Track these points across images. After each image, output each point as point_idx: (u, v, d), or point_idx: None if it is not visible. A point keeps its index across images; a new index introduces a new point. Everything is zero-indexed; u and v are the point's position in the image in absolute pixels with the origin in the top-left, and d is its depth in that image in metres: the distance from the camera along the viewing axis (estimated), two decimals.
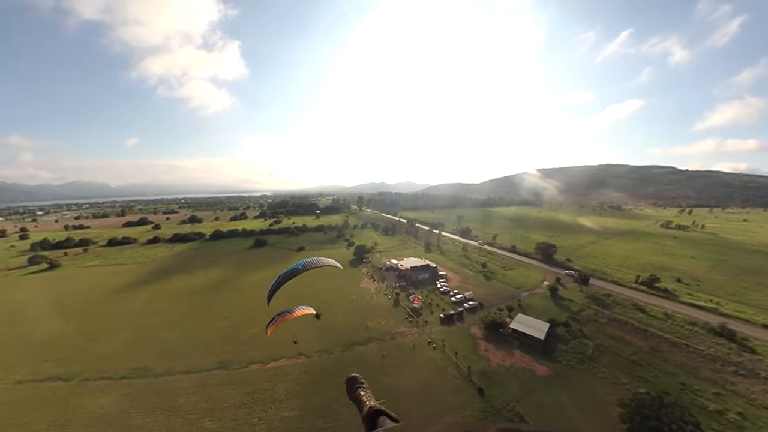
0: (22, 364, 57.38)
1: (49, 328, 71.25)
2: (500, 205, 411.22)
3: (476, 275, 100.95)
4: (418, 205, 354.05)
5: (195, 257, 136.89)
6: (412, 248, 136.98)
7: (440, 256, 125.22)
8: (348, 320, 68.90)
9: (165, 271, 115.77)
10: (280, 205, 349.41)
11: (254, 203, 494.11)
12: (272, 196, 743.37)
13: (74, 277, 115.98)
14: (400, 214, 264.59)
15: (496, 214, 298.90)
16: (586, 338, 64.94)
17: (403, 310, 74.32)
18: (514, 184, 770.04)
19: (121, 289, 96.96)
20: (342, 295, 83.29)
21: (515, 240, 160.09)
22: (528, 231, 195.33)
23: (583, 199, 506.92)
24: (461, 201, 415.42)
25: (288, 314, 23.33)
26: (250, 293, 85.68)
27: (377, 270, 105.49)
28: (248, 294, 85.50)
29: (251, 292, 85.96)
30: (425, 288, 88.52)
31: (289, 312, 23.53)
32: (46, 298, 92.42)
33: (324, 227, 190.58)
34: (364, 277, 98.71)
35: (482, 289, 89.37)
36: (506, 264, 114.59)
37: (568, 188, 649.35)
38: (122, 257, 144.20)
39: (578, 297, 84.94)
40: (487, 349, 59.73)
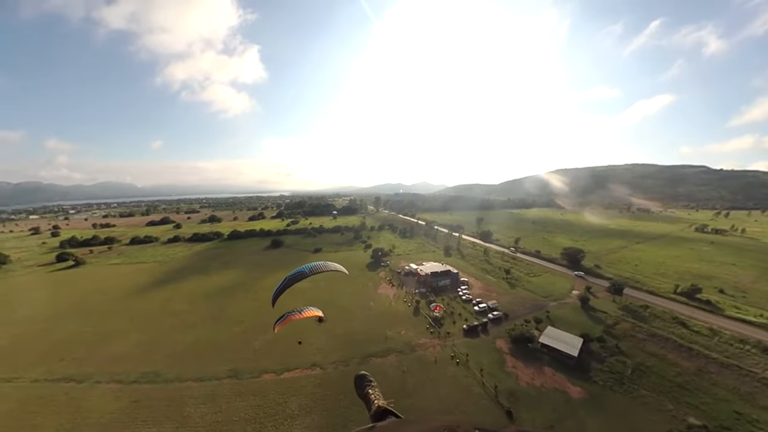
0: (40, 362, 58.03)
1: (69, 326, 72.65)
2: (520, 206, 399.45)
3: (499, 282, 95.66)
4: (436, 207, 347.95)
5: (212, 257, 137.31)
6: (431, 252, 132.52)
7: (461, 260, 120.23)
8: (365, 328, 65.49)
9: (182, 270, 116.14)
10: (297, 206, 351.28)
11: (272, 203, 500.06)
12: (290, 197, 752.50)
13: (97, 274, 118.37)
14: (418, 215, 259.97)
15: (517, 216, 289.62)
16: (624, 356, 59.20)
17: (424, 319, 70.29)
18: (534, 185, 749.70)
19: (139, 288, 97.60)
20: (359, 301, 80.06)
21: (539, 244, 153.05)
22: (551, 234, 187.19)
23: (609, 201, 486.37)
24: (479, 202, 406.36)
25: (297, 313, 23.53)
26: (265, 297, 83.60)
27: (396, 275, 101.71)
28: (263, 298, 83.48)
29: (266, 296, 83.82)
30: (446, 295, 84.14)
31: (298, 311, 23.69)
32: (69, 295, 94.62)
33: (341, 228, 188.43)
34: (382, 282, 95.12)
35: (506, 297, 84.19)
36: (531, 270, 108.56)
37: (591, 189, 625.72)
38: (143, 256, 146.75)
39: (611, 308, 78.68)
40: (515, 365, 55.02)
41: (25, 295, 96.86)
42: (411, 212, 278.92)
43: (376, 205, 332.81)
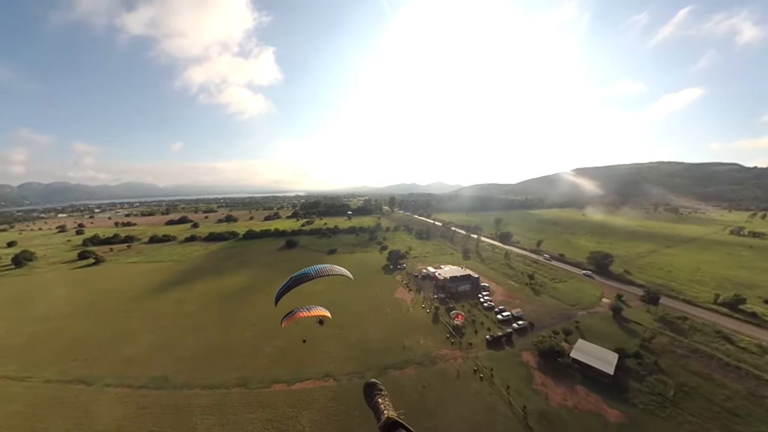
0: (54, 361, 58.20)
1: (85, 324, 73.04)
2: (540, 206, 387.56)
3: (523, 288, 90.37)
4: (452, 207, 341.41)
5: (227, 257, 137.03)
6: (448, 254, 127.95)
7: (480, 264, 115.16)
8: (382, 336, 62.03)
9: (196, 270, 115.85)
10: (312, 206, 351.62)
11: (288, 203, 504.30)
12: (305, 197, 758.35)
13: (114, 272, 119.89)
14: (434, 216, 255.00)
15: (536, 216, 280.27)
16: (664, 374, 53.71)
17: (444, 327, 66.16)
18: (554, 184, 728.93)
19: (153, 287, 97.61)
20: (375, 306, 76.58)
21: (561, 246, 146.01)
22: (574, 236, 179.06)
23: (632, 201, 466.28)
24: (497, 202, 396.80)
25: (305, 311, 23.86)
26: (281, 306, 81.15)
27: (413, 278, 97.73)
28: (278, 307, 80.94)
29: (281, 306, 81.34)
30: (466, 301, 79.59)
31: (306, 309, 24.11)
32: (87, 293, 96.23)
33: (356, 229, 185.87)
34: (398, 286, 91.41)
35: (531, 305, 79.05)
36: (555, 275, 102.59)
37: (614, 189, 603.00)
38: (160, 254, 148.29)
39: (646, 319, 72.66)
40: (544, 383, 50.40)
41: (45, 293, 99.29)
42: (426, 213, 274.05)
43: (391, 205, 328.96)
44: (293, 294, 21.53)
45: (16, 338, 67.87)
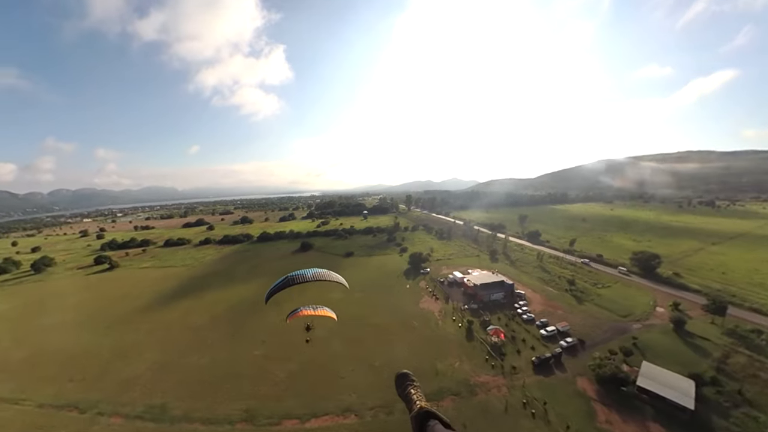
0: (52, 381, 54.43)
1: (89, 337, 69.28)
2: (563, 201, 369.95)
3: (563, 295, 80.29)
4: (470, 204, 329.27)
5: (240, 261, 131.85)
6: (474, 256, 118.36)
7: (510, 267, 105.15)
8: (410, 357, 53.69)
9: (207, 277, 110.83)
10: (327, 206, 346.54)
11: (303, 203, 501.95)
12: (320, 197, 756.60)
13: (126, 279, 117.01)
14: (453, 214, 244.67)
15: (562, 212, 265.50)
16: (753, 407, 43.66)
17: (480, 346, 57.23)
18: (575, 177, 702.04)
19: (162, 296, 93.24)
20: (400, 319, 68.10)
21: (596, 245, 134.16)
22: (607, 233, 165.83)
23: (661, 194, 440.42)
24: (517, 198, 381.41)
25: (310, 309, 23.64)
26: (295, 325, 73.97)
27: (438, 285, 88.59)
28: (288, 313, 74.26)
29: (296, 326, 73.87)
30: (501, 312, 70.36)
31: (312, 308, 23.81)
32: (97, 301, 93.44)
33: (373, 229, 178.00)
34: (423, 294, 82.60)
35: (576, 316, 69.20)
36: (597, 279, 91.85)
37: (640, 181, 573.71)
38: (174, 259, 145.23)
39: (713, 333, 62.20)
40: (609, 419, 41.26)
41: (57, 300, 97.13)
42: (445, 211, 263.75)
43: (408, 203, 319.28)
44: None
45: (20, 351, 65.11)
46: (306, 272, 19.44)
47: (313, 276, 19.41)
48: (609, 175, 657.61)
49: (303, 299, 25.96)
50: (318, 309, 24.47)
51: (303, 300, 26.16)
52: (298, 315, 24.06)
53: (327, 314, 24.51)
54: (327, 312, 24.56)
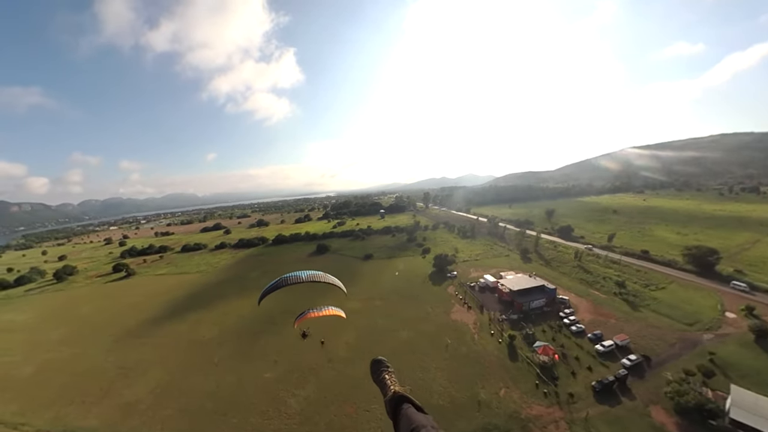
0: (53, 403, 51.89)
1: (96, 353, 66.60)
2: (588, 193, 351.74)
3: (613, 300, 70.66)
4: (490, 200, 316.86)
5: (253, 266, 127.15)
6: (503, 256, 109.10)
7: (545, 267, 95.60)
8: (446, 383, 46.06)
9: (220, 284, 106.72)
10: (343, 206, 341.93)
11: (318, 204, 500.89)
12: (335, 197, 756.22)
13: (141, 287, 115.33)
14: (473, 210, 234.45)
15: (590, 205, 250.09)
16: None
17: (527, 366, 48.83)
18: (599, 167, 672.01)
19: (173, 306, 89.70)
20: (430, 334, 60.13)
21: (637, 240, 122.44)
22: (646, 226, 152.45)
23: (696, 181, 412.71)
24: (538, 192, 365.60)
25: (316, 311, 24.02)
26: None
27: (469, 290, 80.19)
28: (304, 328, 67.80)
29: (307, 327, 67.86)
30: (545, 323, 61.59)
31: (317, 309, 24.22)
32: (109, 311, 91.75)
33: (391, 229, 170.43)
34: (453, 302, 74.22)
35: (632, 325, 59.86)
36: (648, 280, 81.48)
37: (670, 168, 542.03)
38: (189, 265, 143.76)
39: None
40: None
41: (71, 311, 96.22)
42: (465, 207, 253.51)
43: (425, 201, 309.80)
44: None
45: (28, 367, 63.55)
46: (301, 273, 19.50)
47: (308, 278, 19.39)
48: (635, 164, 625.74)
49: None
50: (323, 309, 24.14)
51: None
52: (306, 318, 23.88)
53: (334, 313, 24.03)
54: (334, 311, 24.13)
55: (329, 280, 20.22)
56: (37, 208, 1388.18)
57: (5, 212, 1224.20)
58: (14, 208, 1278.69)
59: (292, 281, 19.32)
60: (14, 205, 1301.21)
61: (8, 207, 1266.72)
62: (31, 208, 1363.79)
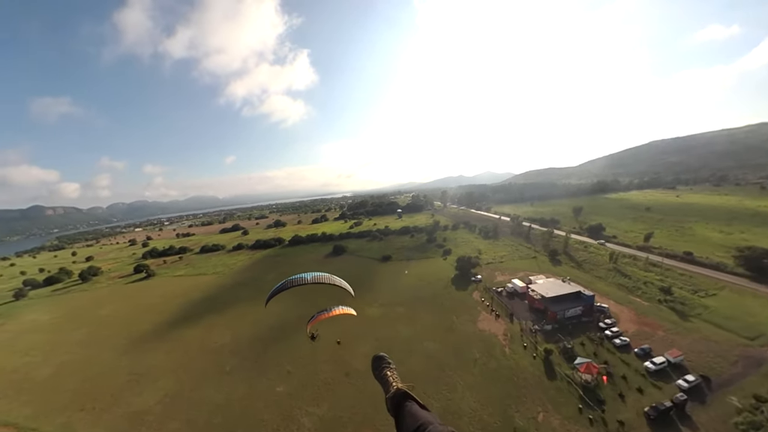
0: (65, 408, 51.29)
1: (109, 356, 66.15)
2: (614, 189, 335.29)
3: (657, 308, 63.73)
4: (511, 198, 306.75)
5: (269, 268, 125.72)
6: (529, 258, 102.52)
7: (577, 270, 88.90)
8: (477, 405, 41.34)
9: (236, 286, 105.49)
10: (359, 206, 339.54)
11: (335, 205, 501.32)
12: (352, 197, 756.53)
13: (159, 288, 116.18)
14: (494, 209, 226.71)
15: (619, 202, 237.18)
16: None
17: (567, 386, 43.33)
18: (625, 162, 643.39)
19: (187, 308, 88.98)
20: (456, 346, 55.41)
21: (676, 240, 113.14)
22: (684, 224, 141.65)
23: (733, 175, 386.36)
24: (561, 189, 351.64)
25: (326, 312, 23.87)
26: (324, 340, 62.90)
27: (496, 295, 74.54)
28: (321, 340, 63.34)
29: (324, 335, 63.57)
30: (583, 334, 55.76)
31: (327, 311, 23.98)
32: (126, 313, 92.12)
33: (410, 229, 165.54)
34: (480, 309, 68.94)
35: (684, 338, 53.24)
36: (695, 285, 73.71)
37: (703, 162, 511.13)
38: (206, 266, 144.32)
39: None
40: None
41: (92, 312, 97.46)
42: (485, 206, 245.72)
43: (443, 200, 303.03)
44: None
45: (45, 369, 64.01)
46: (305, 275, 19.42)
47: (313, 279, 19.32)
48: (664, 157, 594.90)
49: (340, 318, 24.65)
50: (333, 310, 24.12)
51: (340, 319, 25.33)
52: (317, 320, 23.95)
53: (344, 312, 24.05)
54: (344, 310, 24.09)
55: (335, 281, 19.91)
56: (69, 212, 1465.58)
57: (41, 215, 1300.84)
58: (49, 211, 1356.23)
59: (297, 283, 19.19)
60: (49, 208, 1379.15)
61: (44, 211, 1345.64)
62: (64, 211, 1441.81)
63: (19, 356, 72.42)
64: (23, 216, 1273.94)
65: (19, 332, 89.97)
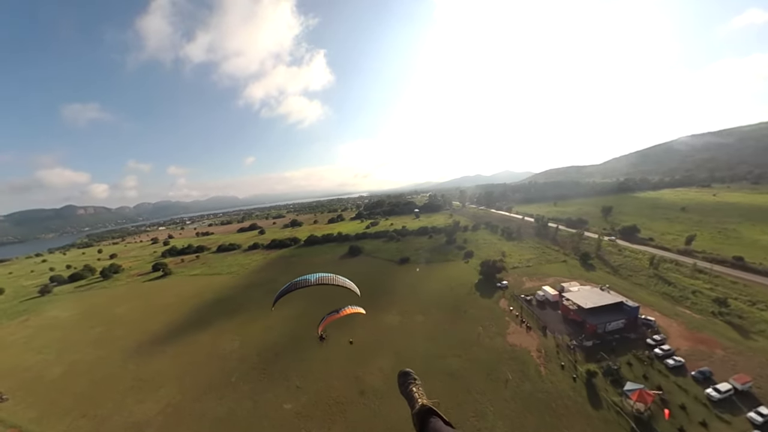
0: (67, 413, 50.01)
1: (117, 360, 64.76)
2: (644, 188, 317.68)
3: (712, 323, 56.25)
4: (531, 197, 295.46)
5: (283, 269, 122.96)
6: (558, 262, 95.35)
7: (613, 276, 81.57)
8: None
9: (249, 288, 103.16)
10: (376, 205, 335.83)
11: (351, 204, 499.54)
12: (368, 197, 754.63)
13: (174, 287, 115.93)
14: (515, 209, 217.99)
15: (651, 201, 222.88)
16: None
17: (615, 415, 37.33)
18: (653, 159, 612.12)
19: (199, 311, 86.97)
20: (485, 362, 49.69)
21: (720, 243, 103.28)
22: (727, 226, 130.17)
23: None
24: (586, 187, 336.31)
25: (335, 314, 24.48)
26: (337, 350, 56.68)
27: (525, 304, 68.02)
28: (334, 350, 57.14)
29: (338, 349, 56.58)
30: (629, 352, 49.24)
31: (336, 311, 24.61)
32: (139, 313, 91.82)
33: (428, 230, 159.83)
34: (508, 320, 62.54)
35: (748, 359, 46.04)
36: (752, 295, 65.20)
37: (741, 157, 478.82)
38: (221, 265, 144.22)
39: None
40: None
41: (108, 311, 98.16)
42: (506, 206, 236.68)
43: (462, 199, 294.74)
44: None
45: (56, 368, 63.80)
46: (309, 277, 19.70)
47: (317, 281, 19.61)
48: (697, 153, 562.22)
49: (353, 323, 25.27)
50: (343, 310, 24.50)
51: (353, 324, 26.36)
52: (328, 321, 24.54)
53: (353, 311, 24.42)
54: (353, 309, 24.45)
55: (339, 282, 19.90)
56: (99, 211, 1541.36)
57: (73, 215, 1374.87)
58: (81, 211, 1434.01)
59: (302, 285, 19.24)
60: (81, 208, 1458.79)
61: (76, 210, 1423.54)
62: (95, 210, 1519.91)
63: (33, 353, 72.97)
64: (57, 215, 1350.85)
65: (40, 328, 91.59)
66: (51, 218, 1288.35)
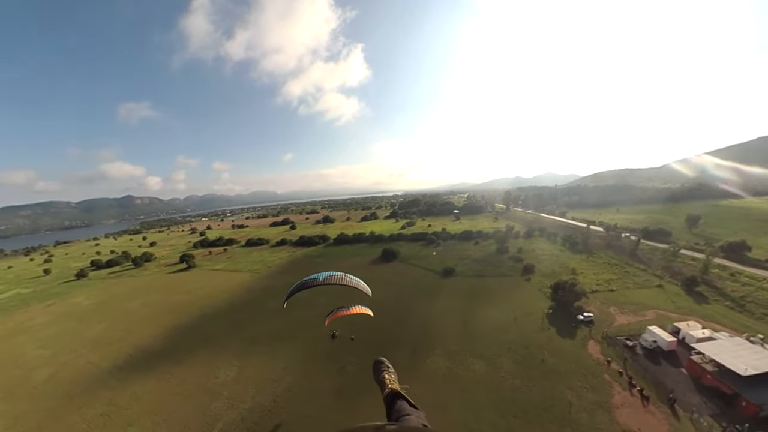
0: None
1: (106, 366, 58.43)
2: (724, 195, 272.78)
3: None
4: (585, 202, 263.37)
5: (307, 269, 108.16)
6: (651, 287, 72.66)
7: (739, 313, 58.55)
8: None
9: (267, 290, 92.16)
10: (411, 204, 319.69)
11: (386, 203, 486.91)
12: (403, 196, 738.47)
13: (191, 283, 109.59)
14: (569, 214, 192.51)
15: (743, 210, 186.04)
16: None
17: None
18: (729, 162, 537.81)
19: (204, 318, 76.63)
20: None
21: None
22: None
23: None
24: (652, 192, 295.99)
25: (345, 310, 24.89)
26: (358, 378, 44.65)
27: (627, 353, 46.94)
28: (355, 379, 44.91)
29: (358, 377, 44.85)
30: None
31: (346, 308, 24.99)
32: (152, 309, 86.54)
33: (473, 234, 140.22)
34: (607, 378, 42.33)
35: None
36: None
37: None
38: (245, 261, 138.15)
39: None
40: None
41: (124, 303, 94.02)
42: (558, 210, 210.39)
43: (507, 201, 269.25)
44: None
45: (45, 370, 58.24)
46: (318, 276, 19.41)
47: (325, 280, 19.23)
48: None
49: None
50: (352, 308, 24.70)
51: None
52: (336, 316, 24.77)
53: (361, 312, 24.42)
54: (361, 310, 24.50)
55: (348, 281, 19.60)
56: (153, 201, 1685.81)
57: (132, 204, 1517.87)
58: (138, 200, 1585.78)
59: (310, 285, 19.33)
60: (138, 198, 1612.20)
61: (134, 200, 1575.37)
62: (149, 201, 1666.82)
63: (36, 346, 68.48)
64: (118, 204, 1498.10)
65: (58, 315, 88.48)
66: (113, 206, 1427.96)
